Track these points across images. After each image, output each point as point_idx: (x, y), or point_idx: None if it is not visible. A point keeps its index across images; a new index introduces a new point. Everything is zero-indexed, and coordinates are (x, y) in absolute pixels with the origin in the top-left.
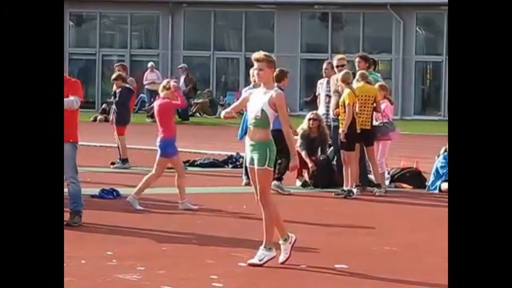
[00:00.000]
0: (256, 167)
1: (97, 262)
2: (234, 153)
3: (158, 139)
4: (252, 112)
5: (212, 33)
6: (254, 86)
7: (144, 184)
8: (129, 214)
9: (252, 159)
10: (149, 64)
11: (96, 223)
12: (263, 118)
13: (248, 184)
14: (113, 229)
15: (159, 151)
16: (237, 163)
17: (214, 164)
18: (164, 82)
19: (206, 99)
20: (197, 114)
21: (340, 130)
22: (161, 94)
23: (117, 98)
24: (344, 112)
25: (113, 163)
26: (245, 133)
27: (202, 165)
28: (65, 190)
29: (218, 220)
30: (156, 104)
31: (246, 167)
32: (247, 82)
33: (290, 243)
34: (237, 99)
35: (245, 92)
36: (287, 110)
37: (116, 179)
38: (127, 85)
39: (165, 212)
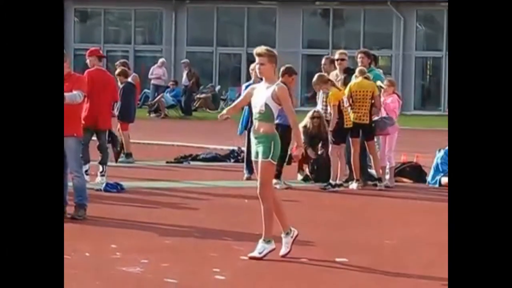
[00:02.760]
0: (260, 159)
1: (101, 255)
2: (236, 148)
3: None
4: (256, 106)
5: (215, 29)
6: (254, 82)
7: None
8: (133, 208)
9: (257, 153)
10: (161, 60)
11: (100, 216)
12: (267, 112)
13: (249, 178)
14: (117, 222)
15: None
16: (239, 157)
17: (216, 158)
18: None
19: (208, 94)
20: (200, 109)
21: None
22: None
23: (121, 94)
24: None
25: None
26: (245, 128)
27: (204, 159)
28: (70, 184)
29: (220, 213)
30: None
31: (247, 162)
32: (249, 77)
33: (291, 237)
34: (239, 94)
35: (245, 88)
36: (292, 103)
37: (120, 173)
38: (130, 80)
39: (168, 206)
